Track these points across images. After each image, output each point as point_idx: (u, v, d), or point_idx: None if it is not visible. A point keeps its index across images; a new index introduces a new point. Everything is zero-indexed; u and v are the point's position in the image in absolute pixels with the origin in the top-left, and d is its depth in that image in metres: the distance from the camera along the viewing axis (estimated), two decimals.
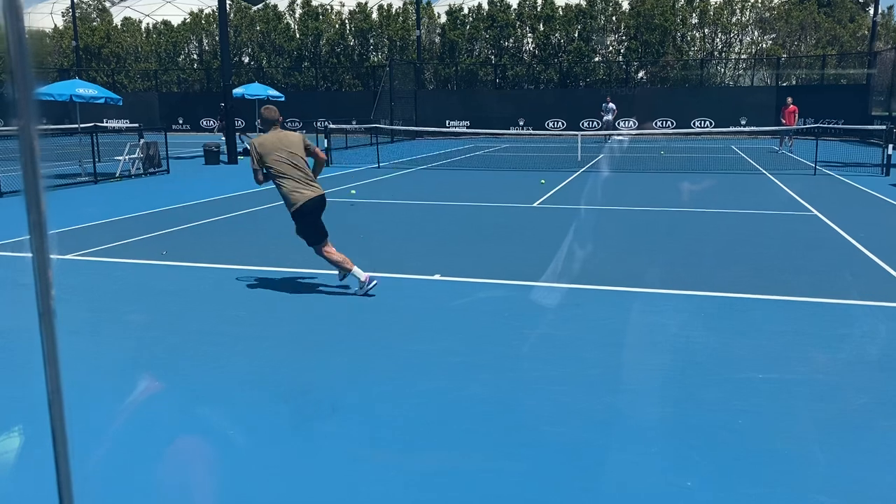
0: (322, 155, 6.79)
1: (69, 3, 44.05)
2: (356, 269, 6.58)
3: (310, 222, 6.57)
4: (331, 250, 6.64)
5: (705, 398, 4.35)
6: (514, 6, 39.46)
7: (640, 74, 38.25)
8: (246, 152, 24.11)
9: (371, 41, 41.96)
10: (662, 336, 5.60)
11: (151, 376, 4.86)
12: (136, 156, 17.89)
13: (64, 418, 0.91)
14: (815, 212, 11.29)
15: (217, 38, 36.47)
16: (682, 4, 37.66)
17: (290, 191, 6.45)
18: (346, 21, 42.03)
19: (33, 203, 0.83)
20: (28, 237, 0.92)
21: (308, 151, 6.64)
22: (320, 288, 7.09)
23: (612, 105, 29.84)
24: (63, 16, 49.15)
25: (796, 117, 23.65)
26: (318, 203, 6.58)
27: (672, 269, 7.81)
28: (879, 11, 32.59)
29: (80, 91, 18.72)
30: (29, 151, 0.77)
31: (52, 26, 48.87)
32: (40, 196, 0.83)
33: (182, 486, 3.53)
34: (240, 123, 29.52)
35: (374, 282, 6.61)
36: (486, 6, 39.91)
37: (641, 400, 4.37)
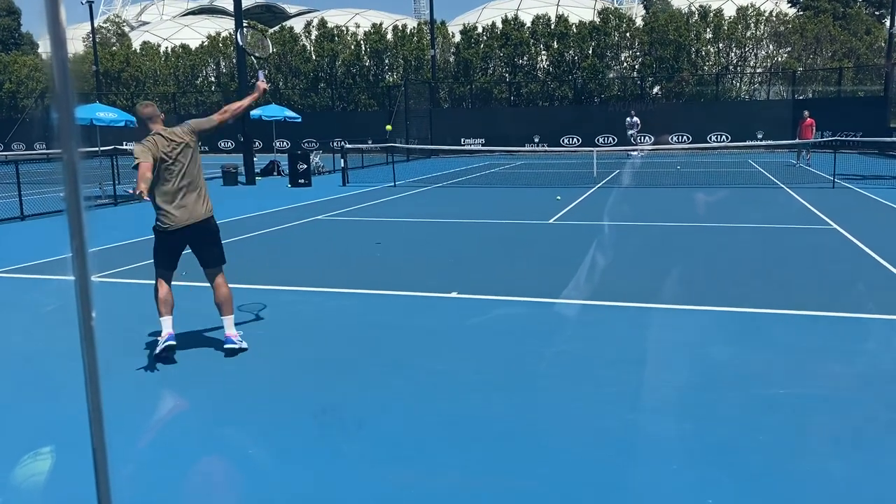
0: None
1: (89, 28, 44.81)
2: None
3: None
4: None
5: (724, 414, 4.33)
6: (528, 24, 39.65)
7: (655, 90, 38.22)
8: (264, 171, 24.33)
9: (386, 61, 42.29)
10: (680, 352, 5.58)
11: (173, 396, 4.91)
12: None
13: (105, 443, 0.94)
14: (835, 225, 11.21)
15: (234, 61, 36.92)
16: (696, 20, 37.67)
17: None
18: (362, 42, 42.42)
19: (76, 228, 0.87)
20: (69, 256, 0.95)
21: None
22: (334, 306, 7.13)
23: (635, 119, 29.55)
24: (84, 41, 49.98)
25: (813, 131, 23.51)
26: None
27: (690, 284, 7.78)
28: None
29: (101, 115, 18.99)
30: (72, 175, 0.81)
31: (73, 52, 49.70)
32: (82, 221, 0.86)
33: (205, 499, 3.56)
34: (257, 144, 29.85)
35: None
36: (499, 25, 40.14)
37: (660, 417, 4.35)
